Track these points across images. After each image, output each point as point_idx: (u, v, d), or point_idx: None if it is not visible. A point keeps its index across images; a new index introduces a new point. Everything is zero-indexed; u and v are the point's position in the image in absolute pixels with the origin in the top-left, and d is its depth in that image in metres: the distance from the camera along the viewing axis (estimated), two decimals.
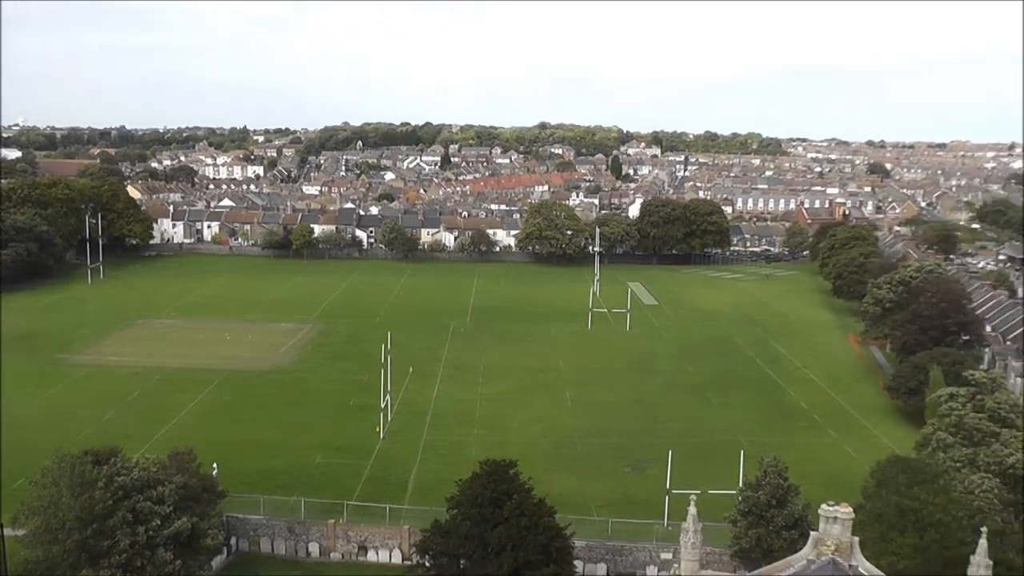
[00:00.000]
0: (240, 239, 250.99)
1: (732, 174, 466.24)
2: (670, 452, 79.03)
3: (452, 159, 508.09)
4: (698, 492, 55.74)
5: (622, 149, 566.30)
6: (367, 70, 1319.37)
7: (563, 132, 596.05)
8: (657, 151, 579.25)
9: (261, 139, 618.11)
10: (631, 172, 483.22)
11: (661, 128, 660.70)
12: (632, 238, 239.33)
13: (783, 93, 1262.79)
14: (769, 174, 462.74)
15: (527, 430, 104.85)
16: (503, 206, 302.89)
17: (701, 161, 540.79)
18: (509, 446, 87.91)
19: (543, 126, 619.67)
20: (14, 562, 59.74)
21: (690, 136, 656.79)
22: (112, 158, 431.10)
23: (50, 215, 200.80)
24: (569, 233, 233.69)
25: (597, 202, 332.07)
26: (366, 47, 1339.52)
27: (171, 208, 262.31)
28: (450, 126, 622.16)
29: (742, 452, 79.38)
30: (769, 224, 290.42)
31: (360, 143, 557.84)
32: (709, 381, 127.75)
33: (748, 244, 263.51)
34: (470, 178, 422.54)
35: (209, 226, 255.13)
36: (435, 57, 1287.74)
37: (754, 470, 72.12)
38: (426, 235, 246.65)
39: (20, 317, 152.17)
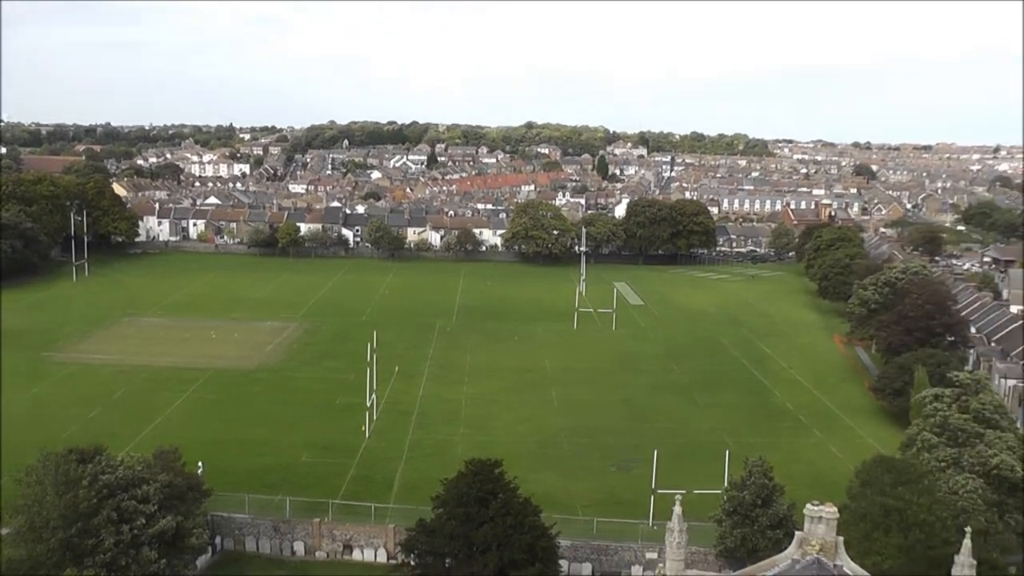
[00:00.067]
0: (226, 237, 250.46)
1: (718, 175, 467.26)
2: (655, 452, 79.15)
3: (438, 158, 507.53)
4: (683, 492, 55.77)
5: (608, 149, 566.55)
6: (354, 69, 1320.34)
7: (549, 132, 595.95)
8: (643, 151, 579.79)
9: (247, 137, 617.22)
10: (617, 172, 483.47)
11: (647, 128, 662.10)
12: (618, 238, 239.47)
13: (770, 94, 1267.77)
14: (755, 175, 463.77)
15: (513, 429, 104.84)
16: (489, 205, 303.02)
17: (687, 162, 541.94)
18: (495, 445, 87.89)
19: (529, 126, 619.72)
20: None
21: (676, 136, 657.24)
22: (98, 155, 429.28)
23: (35, 212, 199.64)
24: (555, 233, 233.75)
25: (583, 202, 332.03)
26: (353, 46, 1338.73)
27: (157, 206, 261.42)
28: (436, 125, 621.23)
29: (727, 452, 79.53)
30: (755, 225, 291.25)
31: (346, 142, 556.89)
32: (695, 381, 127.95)
33: (734, 245, 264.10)
34: (456, 177, 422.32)
35: (195, 224, 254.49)
36: (421, 57, 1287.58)
37: (739, 470, 72.34)
38: (412, 234, 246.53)
39: (4, 315, 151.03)
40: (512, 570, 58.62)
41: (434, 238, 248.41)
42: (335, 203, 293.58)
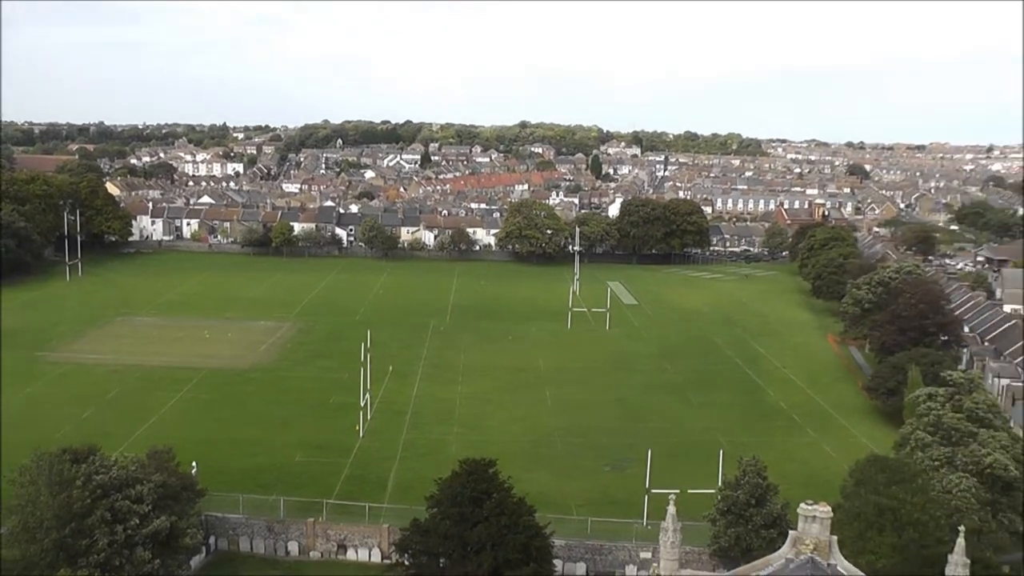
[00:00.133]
0: (220, 237, 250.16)
1: (712, 174, 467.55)
2: (649, 451, 79.34)
3: (432, 157, 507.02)
4: (677, 491, 55.91)
5: (602, 148, 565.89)
6: (348, 69, 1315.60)
7: (543, 131, 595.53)
8: (637, 151, 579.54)
9: (241, 136, 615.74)
10: (611, 172, 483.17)
11: (641, 128, 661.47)
12: (612, 238, 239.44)
13: (766, 95, 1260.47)
14: (749, 175, 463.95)
15: (507, 429, 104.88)
16: (483, 205, 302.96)
17: (681, 161, 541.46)
18: (489, 445, 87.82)
19: (523, 125, 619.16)
20: None
21: (670, 136, 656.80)
22: (91, 154, 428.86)
23: (28, 211, 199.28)
24: (549, 232, 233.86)
25: (577, 201, 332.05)
26: (348, 46, 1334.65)
27: (150, 205, 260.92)
28: (430, 124, 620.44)
29: (721, 451, 79.67)
30: (749, 224, 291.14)
31: (340, 141, 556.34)
32: (688, 381, 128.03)
33: (728, 244, 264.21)
34: (450, 177, 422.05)
35: (188, 223, 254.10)
36: (416, 57, 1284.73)
37: (733, 469, 72.44)
38: (406, 233, 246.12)
39: None
40: (506, 570, 58.65)
41: (428, 237, 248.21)
42: (329, 202, 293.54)
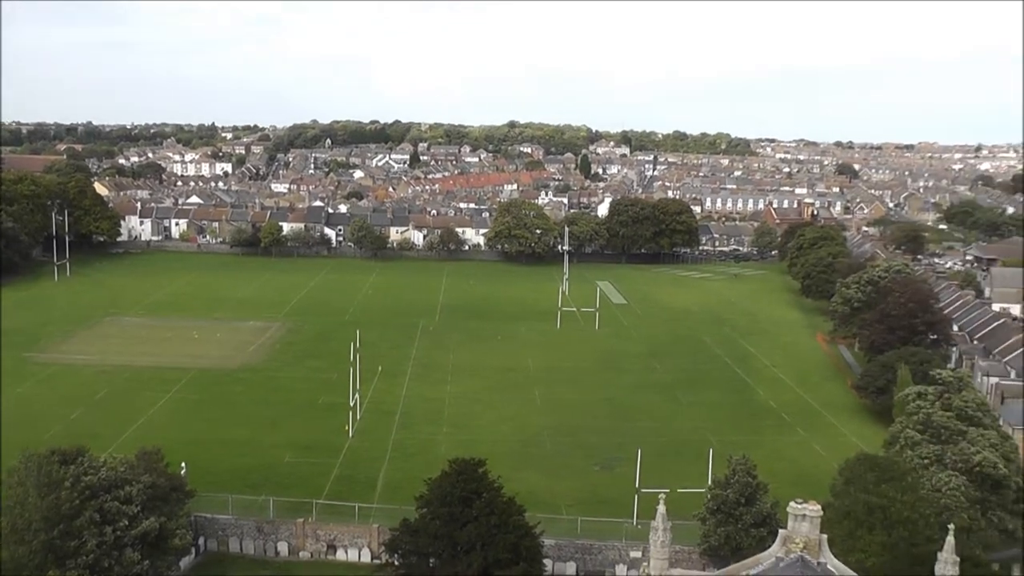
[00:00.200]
0: (208, 237, 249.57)
1: (701, 174, 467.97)
2: (639, 451, 79.37)
3: (421, 157, 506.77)
4: (667, 490, 55.82)
5: (591, 148, 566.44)
6: (337, 69, 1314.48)
7: (532, 131, 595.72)
8: (626, 150, 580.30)
9: (229, 136, 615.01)
10: (600, 171, 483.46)
11: (630, 127, 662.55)
12: (601, 237, 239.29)
13: (761, 95, 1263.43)
14: (738, 174, 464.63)
15: (496, 429, 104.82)
16: (472, 205, 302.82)
17: (670, 161, 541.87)
18: (478, 445, 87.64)
19: (512, 125, 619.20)
20: None
21: (659, 136, 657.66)
22: (79, 154, 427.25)
23: (16, 212, 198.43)
24: (538, 232, 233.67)
25: (566, 201, 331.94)
26: (337, 47, 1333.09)
27: (139, 205, 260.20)
28: (419, 124, 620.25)
29: (711, 450, 79.74)
30: (738, 224, 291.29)
31: (329, 141, 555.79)
32: (678, 380, 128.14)
33: (717, 244, 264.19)
34: (439, 176, 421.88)
35: (177, 223, 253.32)
36: (407, 57, 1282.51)
37: (723, 468, 72.54)
38: (395, 233, 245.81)
39: None
40: (496, 569, 58.59)
41: (417, 237, 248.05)
42: (317, 202, 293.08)
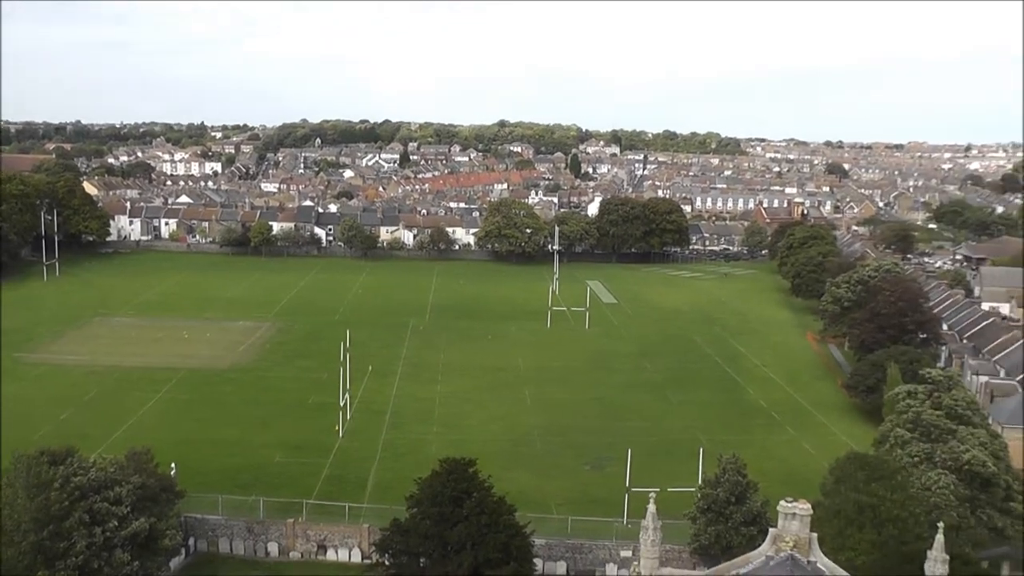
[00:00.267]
0: (198, 236, 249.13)
1: (691, 173, 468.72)
2: (629, 450, 79.31)
3: (411, 157, 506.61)
4: (657, 490, 55.79)
5: (581, 147, 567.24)
6: (327, 69, 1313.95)
7: (522, 130, 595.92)
8: (616, 150, 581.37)
9: (219, 135, 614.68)
10: (590, 170, 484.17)
11: (620, 127, 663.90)
12: (591, 236, 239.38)
13: (749, 95, 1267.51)
14: (728, 174, 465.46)
15: (486, 428, 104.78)
16: (462, 204, 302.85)
17: (660, 160, 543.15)
18: (468, 444, 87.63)
19: (502, 124, 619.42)
20: None
21: (649, 135, 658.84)
22: (68, 153, 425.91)
23: (4, 211, 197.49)
24: (528, 231, 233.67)
25: (556, 200, 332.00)
26: (328, 46, 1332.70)
27: (128, 205, 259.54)
28: (409, 124, 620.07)
29: (701, 449, 79.92)
30: (728, 223, 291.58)
31: (319, 140, 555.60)
32: (668, 379, 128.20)
33: (707, 243, 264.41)
34: (429, 176, 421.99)
35: (166, 223, 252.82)
36: (394, 56, 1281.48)
37: (713, 467, 72.59)
38: (385, 233, 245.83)
39: None
40: (487, 569, 58.52)
41: (407, 237, 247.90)
42: (307, 202, 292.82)
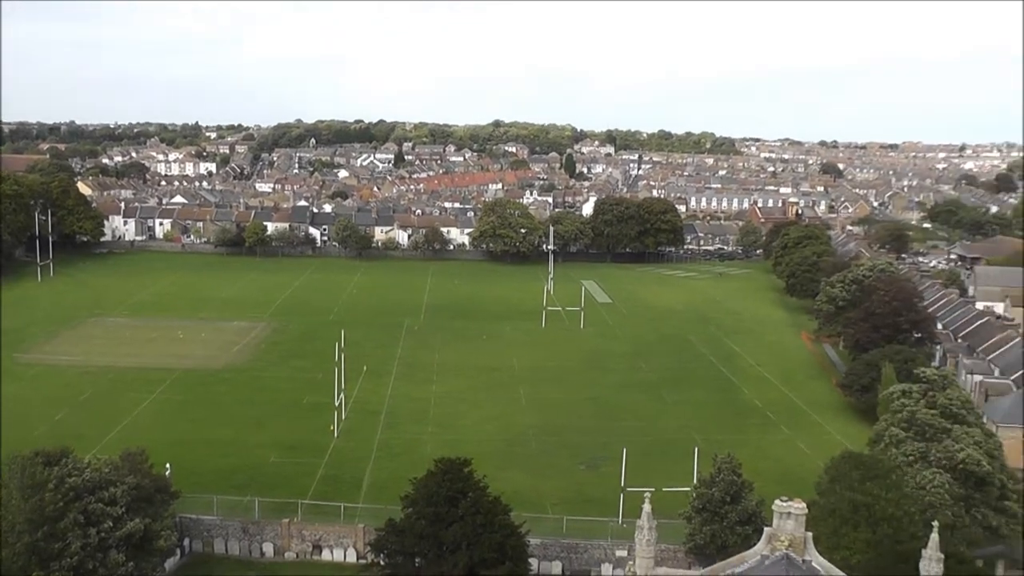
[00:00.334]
0: (192, 236, 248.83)
1: (686, 173, 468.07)
2: (624, 450, 79.49)
3: (406, 157, 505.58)
4: (652, 489, 55.88)
5: (576, 147, 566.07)
6: (322, 69, 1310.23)
7: (517, 130, 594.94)
8: (611, 149, 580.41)
9: (213, 135, 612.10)
10: (585, 170, 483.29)
11: (615, 127, 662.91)
12: (586, 236, 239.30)
13: (736, 94, 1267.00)
14: (722, 173, 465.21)
15: (481, 428, 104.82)
16: (457, 204, 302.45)
17: (655, 160, 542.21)
18: (463, 444, 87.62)
19: (497, 124, 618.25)
20: None
21: (644, 135, 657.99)
22: (62, 154, 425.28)
23: None
24: (523, 231, 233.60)
25: (551, 200, 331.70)
26: (323, 46, 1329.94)
27: (122, 205, 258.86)
28: (403, 124, 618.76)
29: (696, 449, 79.95)
30: (722, 223, 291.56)
31: (313, 140, 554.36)
32: (663, 379, 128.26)
33: (702, 243, 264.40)
34: (424, 176, 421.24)
35: (161, 223, 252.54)
36: (390, 57, 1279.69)
37: (708, 467, 72.68)
38: (379, 233, 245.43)
39: None
40: (482, 569, 58.53)
41: (402, 237, 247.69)
42: (302, 202, 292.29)
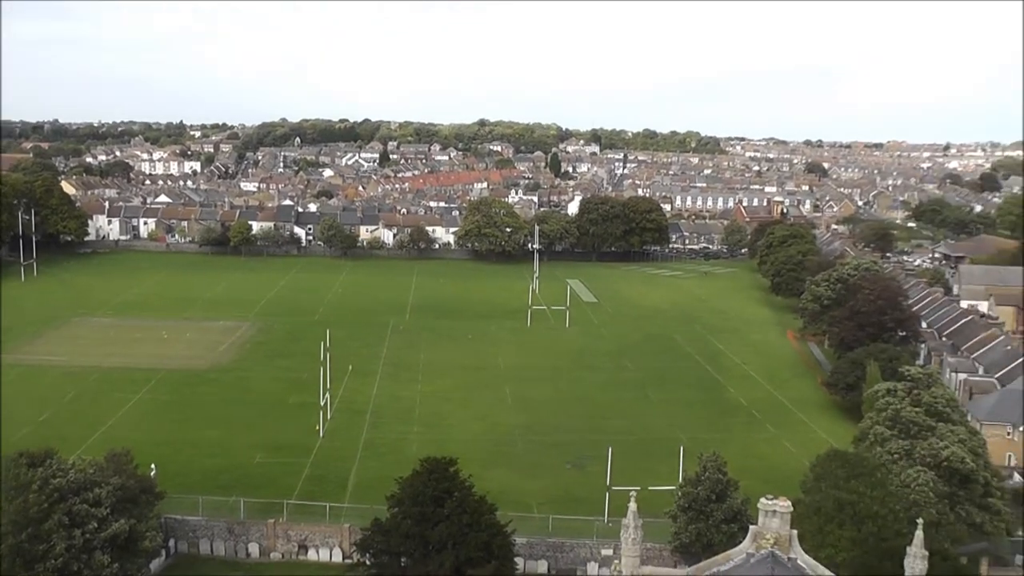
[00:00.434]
0: (177, 236, 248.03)
1: (671, 172, 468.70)
2: (610, 449, 79.54)
3: (391, 156, 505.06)
4: (638, 488, 55.86)
5: (561, 146, 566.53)
6: (306, 68, 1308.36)
7: (502, 129, 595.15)
8: (596, 149, 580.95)
9: (198, 134, 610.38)
10: (570, 169, 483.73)
11: (600, 126, 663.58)
12: (571, 235, 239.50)
13: (722, 94, 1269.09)
14: (708, 172, 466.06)
15: (467, 427, 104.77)
16: (442, 203, 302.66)
17: (640, 159, 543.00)
18: (449, 443, 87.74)
19: (482, 123, 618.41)
20: None
21: (629, 134, 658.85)
22: (45, 152, 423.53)
23: None
24: (508, 230, 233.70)
25: (536, 199, 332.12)
26: (308, 45, 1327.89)
27: (106, 204, 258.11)
28: (388, 123, 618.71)
29: (682, 448, 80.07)
30: (708, 222, 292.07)
31: (298, 139, 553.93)
32: (648, 378, 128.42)
33: (687, 242, 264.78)
34: (409, 175, 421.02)
35: (145, 223, 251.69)
36: (374, 57, 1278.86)
37: (693, 466, 72.79)
38: (365, 232, 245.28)
39: None
40: (468, 568, 58.55)
41: (387, 236, 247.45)
42: (287, 201, 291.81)
